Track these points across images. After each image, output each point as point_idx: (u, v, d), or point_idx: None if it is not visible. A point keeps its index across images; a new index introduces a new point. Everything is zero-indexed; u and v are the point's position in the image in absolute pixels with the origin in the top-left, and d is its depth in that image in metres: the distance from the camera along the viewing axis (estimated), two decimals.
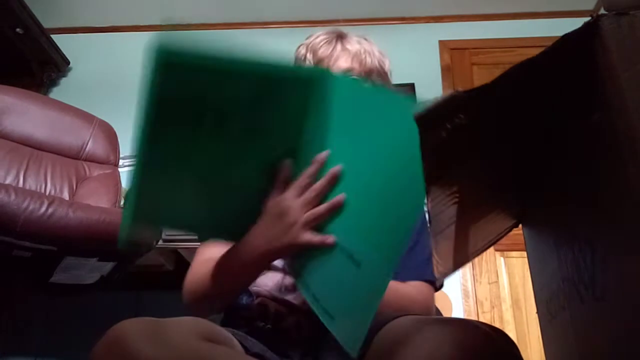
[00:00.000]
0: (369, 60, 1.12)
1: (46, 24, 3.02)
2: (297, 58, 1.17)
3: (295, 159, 0.83)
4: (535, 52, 0.52)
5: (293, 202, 0.81)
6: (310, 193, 0.80)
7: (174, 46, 0.69)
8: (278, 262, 0.96)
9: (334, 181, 0.78)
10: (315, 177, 0.80)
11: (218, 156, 0.79)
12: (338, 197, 0.77)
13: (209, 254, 0.98)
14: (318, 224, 0.80)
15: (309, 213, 0.80)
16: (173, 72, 0.70)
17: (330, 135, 0.80)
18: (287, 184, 0.82)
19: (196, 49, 0.71)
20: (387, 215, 0.71)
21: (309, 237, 0.80)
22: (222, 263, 0.92)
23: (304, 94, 0.79)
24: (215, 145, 0.78)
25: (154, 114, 0.72)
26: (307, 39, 1.17)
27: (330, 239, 0.77)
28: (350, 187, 0.77)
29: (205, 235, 0.98)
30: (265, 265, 0.93)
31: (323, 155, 0.80)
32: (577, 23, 0.51)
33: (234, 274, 0.92)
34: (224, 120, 0.77)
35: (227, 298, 0.98)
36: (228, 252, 0.92)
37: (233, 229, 0.88)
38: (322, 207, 0.79)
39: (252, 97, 0.76)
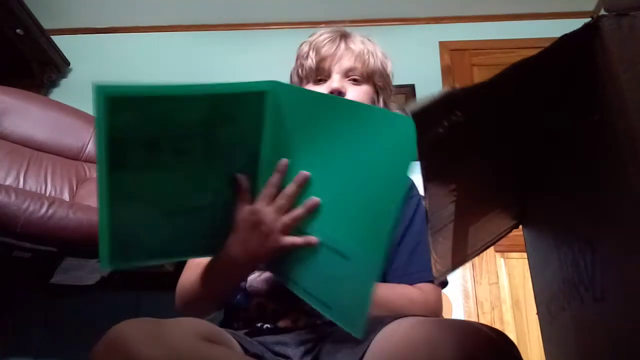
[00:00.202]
0: (372, 61, 1.12)
1: (46, 24, 3.02)
2: (299, 55, 1.17)
3: (259, 170, 0.85)
4: (535, 53, 0.52)
5: (265, 210, 0.83)
6: (281, 199, 0.82)
7: (115, 83, 0.71)
8: None
9: (303, 184, 0.81)
10: (280, 185, 0.83)
11: (181, 180, 0.81)
12: (313, 198, 0.80)
13: (199, 259, 0.99)
14: (297, 227, 0.82)
15: (285, 217, 0.82)
16: (117, 106, 0.71)
17: (293, 143, 0.82)
18: (248, 194, 0.84)
19: (138, 83, 0.72)
20: (367, 210, 0.74)
21: (291, 239, 0.82)
22: (207, 273, 0.94)
23: (256, 108, 0.80)
24: (176, 171, 0.80)
25: (109, 150, 0.73)
26: (310, 36, 1.17)
27: (313, 239, 0.80)
28: (324, 189, 0.80)
29: (183, 257, 0.98)
30: (248, 273, 0.96)
31: (283, 163, 0.82)
32: (577, 24, 0.51)
33: (219, 283, 0.94)
34: (181, 145, 0.78)
35: (217, 303, 0.99)
36: (211, 263, 0.94)
37: (208, 245, 0.90)
38: (298, 210, 0.81)
39: (204, 118, 0.77)
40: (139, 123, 0.74)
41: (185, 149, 0.78)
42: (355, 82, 1.10)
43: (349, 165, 0.76)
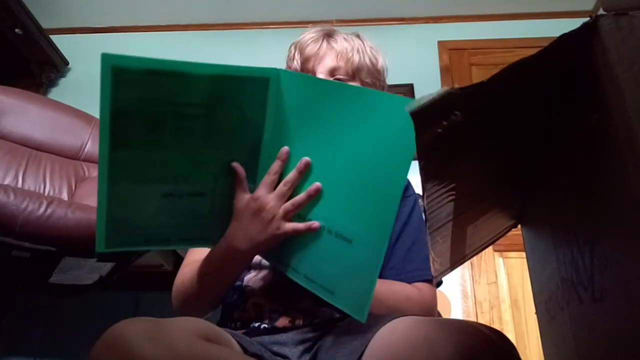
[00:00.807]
0: (356, 58, 1.11)
1: (45, 24, 3.02)
2: (287, 58, 1.17)
3: (260, 157, 0.86)
4: (534, 52, 0.52)
5: (267, 198, 0.84)
6: (283, 186, 0.84)
7: (121, 54, 0.72)
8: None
9: (305, 171, 0.82)
10: (282, 172, 0.84)
11: (182, 162, 0.81)
12: (315, 184, 0.81)
13: (197, 256, 0.99)
14: (299, 213, 0.84)
15: (287, 203, 0.83)
16: (123, 78, 0.72)
17: (293, 130, 0.83)
18: (245, 182, 0.86)
19: (143, 57, 0.73)
20: (370, 192, 0.75)
21: (293, 226, 0.83)
22: (205, 265, 0.94)
23: (260, 94, 0.81)
24: (177, 151, 0.80)
25: (112, 124, 0.74)
26: (298, 37, 1.17)
27: (315, 224, 0.81)
28: (325, 173, 0.81)
29: (179, 245, 0.98)
30: (249, 261, 0.95)
31: (285, 150, 0.84)
32: (576, 23, 0.51)
33: (219, 275, 0.94)
34: (183, 124, 0.79)
35: (215, 299, 0.99)
36: (209, 255, 0.94)
37: (206, 234, 0.90)
38: (301, 196, 0.82)
39: (206, 98, 0.78)
40: (142, 97, 0.74)
41: (186, 128, 0.79)
42: (341, 81, 1.10)
43: (350, 149, 0.77)
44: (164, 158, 0.80)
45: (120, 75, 0.71)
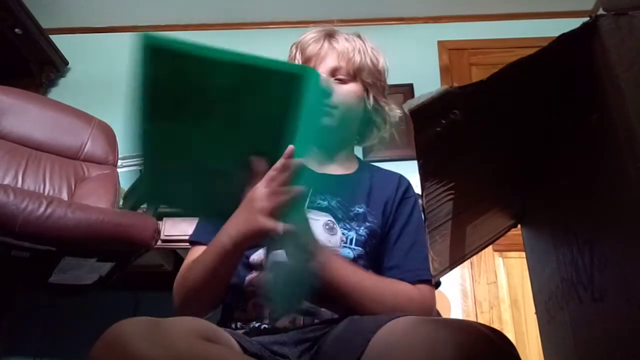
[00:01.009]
0: (357, 58, 1.11)
1: (45, 24, 3.02)
2: (289, 57, 1.17)
3: (277, 151, 0.86)
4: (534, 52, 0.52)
5: (261, 191, 0.85)
6: (275, 183, 0.84)
7: (158, 35, 0.76)
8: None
9: (289, 157, 0.83)
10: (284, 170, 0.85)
11: (203, 142, 0.85)
12: (296, 187, 0.83)
13: (196, 256, 0.99)
14: (284, 212, 0.85)
15: (269, 201, 0.84)
16: (158, 57, 0.76)
17: (299, 128, 0.85)
18: (261, 177, 0.86)
19: (180, 39, 0.77)
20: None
21: (273, 224, 0.83)
22: (203, 258, 0.95)
23: (286, 89, 0.82)
24: (200, 131, 0.84)
25: (144, 99, 0.78)
26: (299, 37, 1.17)
27: (282, 226, 0.83)
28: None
29: (202, 216, 1.05)
30: (239, 250, 0.93)
31: (290, 148, 0.84)
32: (576, 23, 0.51)
33: (215, 268, 0.93)
34: (208, 107, 0.82)
35: (214, 297, 0.99)
36: (207, 246, 0.95)
37: (222, 212, 0.92)
38: (284, 197, 0.84)
39: (235, 86, 0.80)
40: (173, 76, 0.78)
41: (212, 111, 0.82)
42: (342, 81, 1.10)
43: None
44: (188, 135, 0.83)
45: (156, 55, 0.75)
